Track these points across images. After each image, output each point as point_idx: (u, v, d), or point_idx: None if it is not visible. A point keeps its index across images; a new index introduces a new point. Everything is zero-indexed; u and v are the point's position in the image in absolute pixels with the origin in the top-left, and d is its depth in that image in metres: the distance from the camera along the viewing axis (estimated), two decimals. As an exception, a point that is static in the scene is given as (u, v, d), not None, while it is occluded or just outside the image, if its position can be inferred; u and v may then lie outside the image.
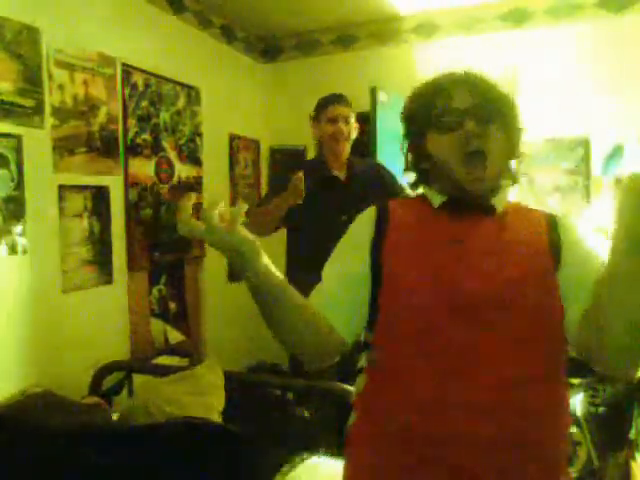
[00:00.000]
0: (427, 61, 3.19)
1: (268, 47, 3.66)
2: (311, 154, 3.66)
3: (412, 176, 1.08)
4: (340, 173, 2.33)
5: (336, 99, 2.33)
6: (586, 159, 2.90)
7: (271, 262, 0.89)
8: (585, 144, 2.87)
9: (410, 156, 1.06)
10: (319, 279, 1.02)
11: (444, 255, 0.93)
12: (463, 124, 0.93)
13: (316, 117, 2.38)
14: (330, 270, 1.02)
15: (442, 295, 0.90)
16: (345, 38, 3.44)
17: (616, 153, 2.82)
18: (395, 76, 3.23)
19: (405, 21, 3.26)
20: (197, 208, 0.82)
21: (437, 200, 1.00)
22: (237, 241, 0.81)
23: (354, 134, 2.34)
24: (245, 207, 0.83)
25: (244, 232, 0.82)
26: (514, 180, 1.03)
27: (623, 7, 2.83)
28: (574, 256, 0.93)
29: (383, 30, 3.31)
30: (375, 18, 3.26)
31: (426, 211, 1.00)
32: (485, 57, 2.67)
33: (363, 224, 1.02)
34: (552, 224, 0.97)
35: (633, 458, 2.16)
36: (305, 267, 1.46)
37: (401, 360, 0.93)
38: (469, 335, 0.87)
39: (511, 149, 1.00)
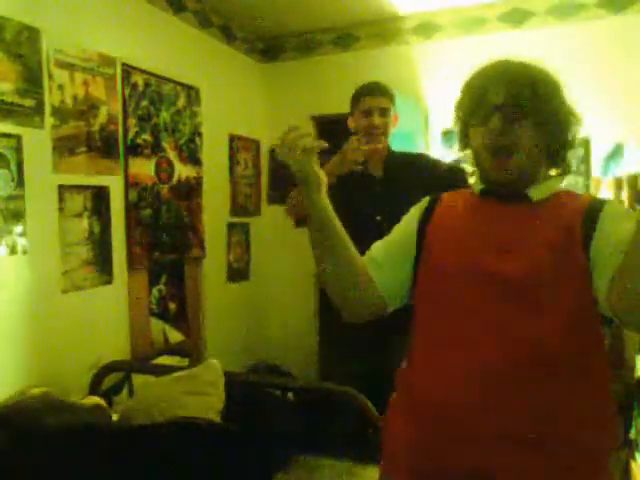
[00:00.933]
0: (427, 61, 3.19)
1: (268, 47, 3.66)
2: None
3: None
4: (376, 170, 2.15)
5: (370, 90, 2.12)
6: (586, 159, 2.90)
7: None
8: (585, 144, 2.87)
9: (459, 144, 1.11)
10: None
11: (473, 236, 1.01)
12: (490, 120, 0.97)
13: (351, 109, 2.19)
14: (379, 242, 1.14)
15: (466, 270, 0.98)
16: (345, 38, 3.43)
17: (616, 153, 2.82)
18: (395, 76, 3.22)
19: (405, 21, 3.26)
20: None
21: (477, 188, 1.07)
22: (308, 170, 0.98)
23: (393, 127, 2.15)
24: (325, 145, 1.00)
25: (315, 165, 0.99)
26: (563, 170, 1.05)
27: (623, 7, 2.83)
28: (606, 244, 0.91)
29: (383, 30, 3.31)
30: (375, 18, 3.26)
31: (470, 197, 1.08)
32: (485, 57, 2.68)
33: (415, 208, 1.14)
34: (593, 210, 0.95)
35: (633, 458, 2.15)
36: None
37: (432, 330, 1.01)
38: (483, 304, 0.95)
39: (549, 142, 1.00)
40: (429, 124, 3.18)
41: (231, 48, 3.37)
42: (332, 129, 3.72)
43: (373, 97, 2.10)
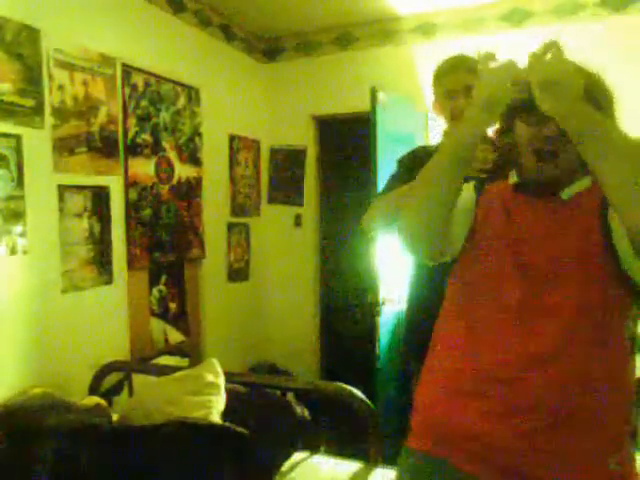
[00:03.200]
0: (427, 61, 3.19)
1: (268, 47, 3.66)
2: (311, 154, 3.67)
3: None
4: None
5: (453, 66, 1.82)
6: (586, 159, 2.89)
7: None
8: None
9: (501, 122, 1.11)
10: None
11: (503, 226, 1.06)
12: (544, 125, 0.98)
13: (433, 92, 1.89)
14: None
15: (500, 255, 1.03)
16: (345, 38, 3.43)
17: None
18: (395, 76, 3.23)
19: (405, 21, 3.26)
20: None
21: (512, 180, 1.10)
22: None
23: None
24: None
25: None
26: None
27: (623, 7, 2.83)
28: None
29: (383, 30, 3.31)
30: (375, 18, 3.26)
31: (504, 188, 1.11)
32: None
33: (466, 187, 1.13)
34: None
35: (633, 458, 2.15)
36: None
37: (466, 304, 1.07)
38: (517, 290, 0.99)
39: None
40: (429, 124, 3.18)
41: (231, 48, 3.37)
42: (331, 129, 3.74)
43: (458, 74, 1.78)
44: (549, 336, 0.94)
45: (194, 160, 3.01)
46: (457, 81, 1.76)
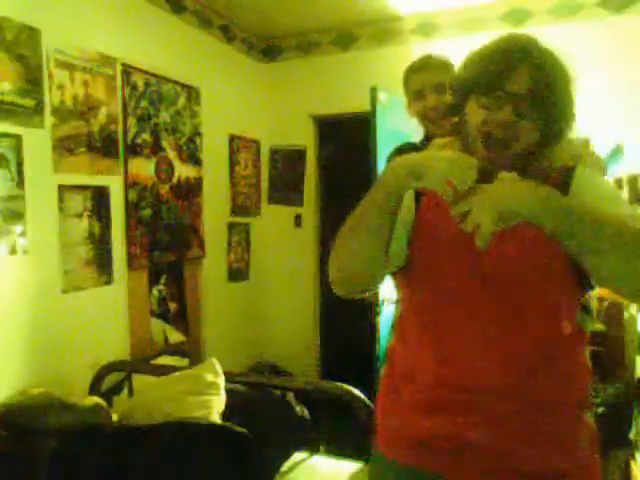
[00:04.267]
0: (427, 61, 3.19)
1: (268, 47, 3.66)
2: (311, 154, 3.67)
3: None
4: None
5: (420, 67, 1.81)
6: (586, 159, 2.89)
7: None
8: (585, 144, 2.87)
9: (452, 110, 1.05)
10: None
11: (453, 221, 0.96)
12: (501, 109, 0.91)
13: (405, 94, 1.88)
14: None
15: (458, 246, 0.95)
16: (345, 38, 3.44)
17: (616, 153, 2.81)
18: (395, 76, 3.21)
19: (405, 21, 3.26)
20: None
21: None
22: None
23: None
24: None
25: None
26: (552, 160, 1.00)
27: (623, 7, 2.83)
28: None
29: (383, 30, 3.31)
30: (375, 18, 3.26)
31: None
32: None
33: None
34: (566, 180, 0.95)
35: (633, 458, 2.15)
36: None
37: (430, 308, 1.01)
38: (467, 278, 0.95)
39: (551, 134, 0.97)
40: (429, 124, 3.18)
41: (231, 48, 3.37)
42: (331, 129, 3.74)
43: (424, 73, 1.78)
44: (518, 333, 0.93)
45: (194, 160, 3.01)
46: (424, 80, 1.75)
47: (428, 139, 1.66)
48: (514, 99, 0.90)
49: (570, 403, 0.96)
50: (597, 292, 2.76)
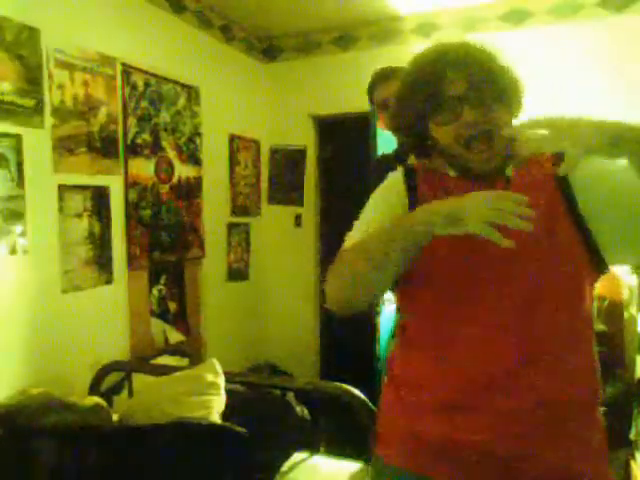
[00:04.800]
0: (427, 61, 3.19)
1: (268, 47, 3.66)
2: (311, 154, 3.67)
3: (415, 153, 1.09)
4: None
5: (381, 77, 1.78)
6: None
7: None
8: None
9: (412, 140, 1.05)
10: None
11: None
12: (461, 114, 0.92)
13: (370, 105, 1.88)
14: (370, 222, 1.03)
15: (462, 247, 0.93)
16: (345, 38, 3.44)
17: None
18: (395, 76, 3.22)
19: (405, 21, 3.26)
20: None
21: (452, 173, 1.02)
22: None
23: None
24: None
25: None
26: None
27: (623, 7, 2.83)
28: (591, 185, 0.92)
29: (383, 30, 3.31)
30: (375, 18, 3.26)
31: (446, 178, 1.02)
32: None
33: (392, 183, 1.06)
34: (559, 158, 0.94)
35: (633, 458, 2.15)
36: None
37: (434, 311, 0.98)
38: (478, 284, 0.93)
39: (512, 113, 0.98)
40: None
41: (231, 48, 3.37)
42: (331, 129, 3.74)
43: (387, 84, 1.75)
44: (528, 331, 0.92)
45: (194, 160, 3.01)
46: (388, 91, 1.71)
47: (404, 149, 1.62)
48: (464, 100, 0.91)
49: (583, 399, 0.94)
50: (597, 292, 2.76)
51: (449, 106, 0.93)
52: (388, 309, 2.69)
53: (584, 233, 0.92)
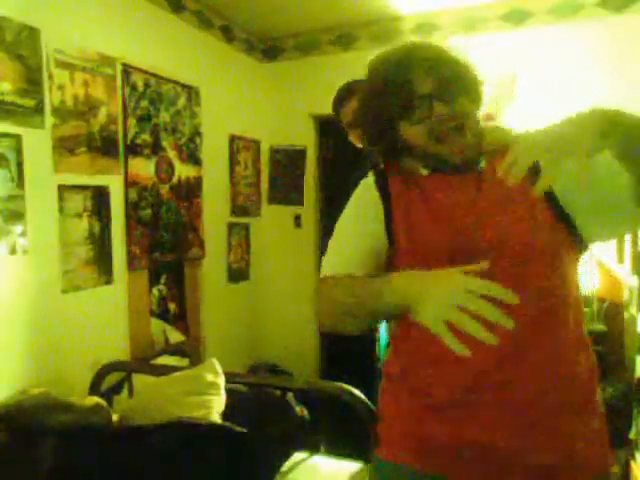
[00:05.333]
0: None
1: (268, 47, 3.66)
2: (311, 154, 3.67)
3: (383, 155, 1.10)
4: None
5: (342, 99, 1.82)
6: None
7: None
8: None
9: (382, 146, 1.06)
10: None
11: (449, 213, 0.97)
12: (433, 111, 0.94)
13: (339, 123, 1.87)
14: (345, 243, 1.04)
15: (458, 247, 0.93)
16: (345, 38, 3.43)
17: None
18: (395, 76, 3.22)
19: (405, 21, 3.25)
20: None
21: (424, 172, 1.02)
22: None
23: None
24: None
25: None
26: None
27: (623, 7, 2.83)
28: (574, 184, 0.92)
29: (383, 30, 3.31)
30: (375, 18, 3.26)
31: (418, 176, 1.03)
32: (485, 57, 2.67)
33: (367, 201, 1.06)
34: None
35: (633, 458, 2.15)
36: None
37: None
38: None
39: (476, 104, 1.01)
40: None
41: (231, 48, 3.37)
42: (332, 129, 3.74)
43: (348, 105, 1.78)
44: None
45: (194, 160, 3.01)
46: (350, 112, 1.75)
47: (371, 159, 1.49)
48: (433, 98, 0.93)
49: (582, 380, 0.95)
50: (597, 293, 2.76)
51: (420, 104, 0.94)
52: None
53: (563, 216, 0.94)
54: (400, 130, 0.99)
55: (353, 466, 1.86)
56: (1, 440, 1.66)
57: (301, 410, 2.13)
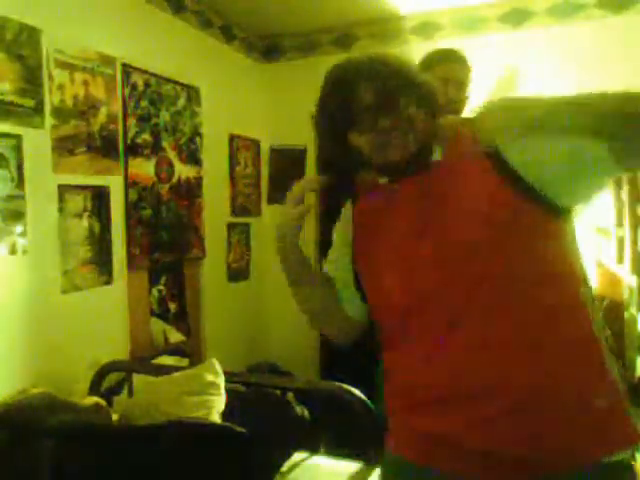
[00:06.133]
0: (427, 61, 3.19)
1: (268, 47, 3.66)
2: (311, 154, 3.66)
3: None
4: None
5: (446, 56, 1.81)
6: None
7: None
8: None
9: (335, 152, 1.08)
10: None
11: (396, 223, 1.02)
12: (376, 123, 0.95)
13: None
14: (330, 265, 1.20)
15: (402, 257, 1.00)
16: (345, 38, 3.43)
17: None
18: (395, 76, 3.22)
19: (405, 21, 3.25)
20: None
21: (382, 180, 1.07)
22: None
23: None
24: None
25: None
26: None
27: (623, 7, 2.83)
28: (517, 143, 0.93)
29: (383, 30, 3.31)
30: (375, 18, 3.26)
31: (380, 187, 1.08)
32: (485, 57, 2.67)
33: (345, 221, 1.18)
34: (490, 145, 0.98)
35: (633, 458, 2.15)
36: None
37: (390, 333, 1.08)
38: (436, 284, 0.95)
39: (432, 113, 1.00)
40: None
41: (231, 48, 3.37)
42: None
43: (449, 64, 1.78)
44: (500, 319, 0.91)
45: (194, 160, 3.01)
46: (449, 70, 1.76)
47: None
48: (376, 109, 0.95)
49: (586, 378, 0.91)
50: (597, 292, 2.76)
51: (364, 117, 0.96)
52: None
53: (528, 192, 0.92)
54: (352, 141, 1.01)
55: (353, 466, 1.86)
56: (1, 440, 1.66)
57: (301, 410, 2.13)
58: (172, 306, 2.93)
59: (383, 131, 0.95)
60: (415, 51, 3.27)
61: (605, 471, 0.90)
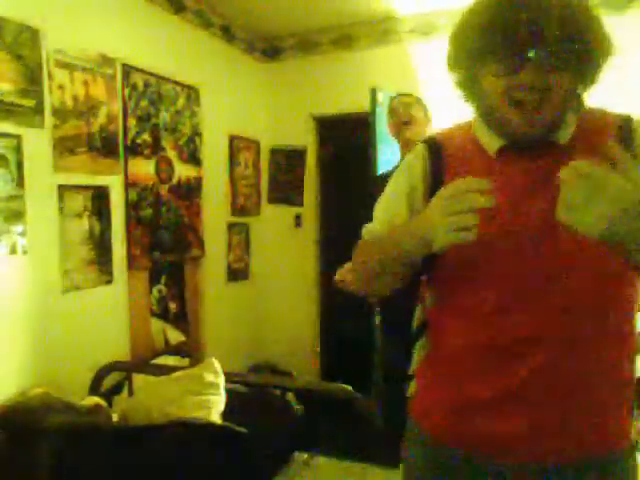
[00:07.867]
0: (426, 61, 3.19)
1: (268, 47, 3.66)
2: (311, 154, 3.67)
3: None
4: None
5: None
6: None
7: None
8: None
9: (464, 91, 0.93)
10: None
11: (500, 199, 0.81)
12: (521, 71, 0.79)
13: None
14: (382, 216, 1.01)
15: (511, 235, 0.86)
16: (345, 38, 3.43)
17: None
18: (395, 76, 3.23)
19: (405, 21, 3.26)
20: None
21: (493, 146, 0.90)
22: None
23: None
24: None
25: None
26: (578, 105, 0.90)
27: (624, 6, 2.83)
28: None
29: (382, 30, 3.31)
30: (374, 18, 3.26)
31: (482, 157, 0.91)
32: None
33: (410, 164, 0.99)
34: (625, 130, 0.87)
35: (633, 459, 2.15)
36: None
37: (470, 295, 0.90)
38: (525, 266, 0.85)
39: (583, 86, 0.86)
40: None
41: (231, 48, 3.37)
42: (331, 129, 3.74)
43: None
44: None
45: (194, 160, 3.01)
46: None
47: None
48: (534, 57, 0.78)
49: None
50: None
51: (509, 54, 0.78)
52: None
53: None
54: (482, 75, 0.84)
55: (353, 466, 1.86)
56: (1, 440, 1.66)
57: (301, 410, 2.13)
58: (172, 306, 2.93)
59: (521, 85, 0.79)
60: (415, 51, 3.28)
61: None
